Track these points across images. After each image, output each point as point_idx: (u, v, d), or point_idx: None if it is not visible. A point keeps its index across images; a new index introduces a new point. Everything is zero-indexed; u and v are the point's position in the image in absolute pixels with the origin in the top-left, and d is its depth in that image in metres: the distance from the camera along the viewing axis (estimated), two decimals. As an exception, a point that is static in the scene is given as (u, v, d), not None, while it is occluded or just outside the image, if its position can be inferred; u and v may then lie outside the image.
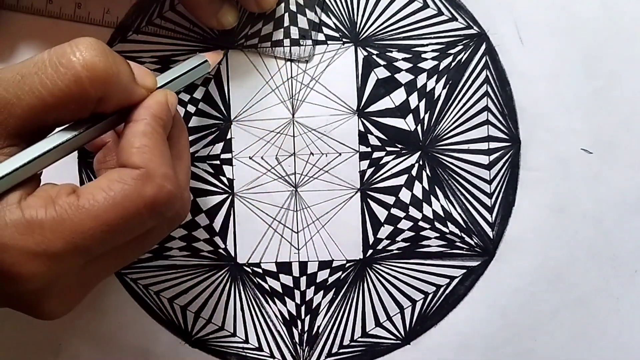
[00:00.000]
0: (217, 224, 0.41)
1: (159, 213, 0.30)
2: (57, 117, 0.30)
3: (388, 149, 0.41)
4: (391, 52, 0.40)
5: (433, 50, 0.40)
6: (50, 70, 0.29)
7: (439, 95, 0.41)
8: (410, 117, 0.41)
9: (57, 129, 0.31)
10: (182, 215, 0.33)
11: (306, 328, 0.41)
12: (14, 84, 0.29)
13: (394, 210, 0.41)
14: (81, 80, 0.29)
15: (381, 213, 0.41)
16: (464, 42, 0.40)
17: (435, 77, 0.40)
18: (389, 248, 0.41)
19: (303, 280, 0.41)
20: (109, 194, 0.29)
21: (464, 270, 0.41)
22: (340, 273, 0.41)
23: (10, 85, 0.29)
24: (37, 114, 0.29)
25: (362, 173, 0.41)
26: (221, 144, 0.41)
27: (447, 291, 0.41)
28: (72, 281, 0.30)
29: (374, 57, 0.40)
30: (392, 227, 0.41)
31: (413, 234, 0.41)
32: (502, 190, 0.41)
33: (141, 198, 0.29)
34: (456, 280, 0.41)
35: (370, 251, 0.41)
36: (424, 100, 0.41)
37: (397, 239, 0.41)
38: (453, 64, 0.40)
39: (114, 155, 0.36)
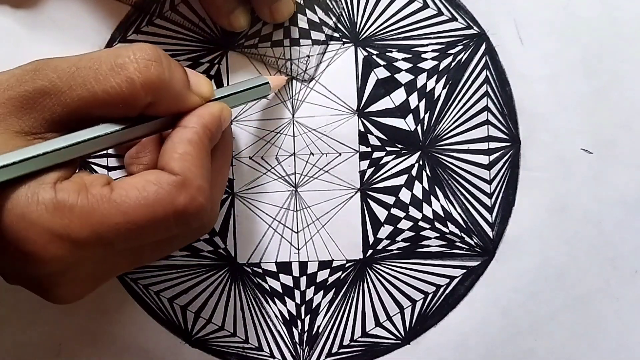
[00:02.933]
0: (217, 224, 0.41)
1: (186, 223, 0.30)
2: (104, 113, 0.30)
3: (388, 149, 0.41)
4: (391, 52, 0.40)
5: (433, 50, 0.40)
6: (105, 67, 0.29)
7: (439, 95, 0.41)
8: (410, 117, 0.41)
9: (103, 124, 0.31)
10: (207, 228, 0.33)
11: (306, 328, 0.41)
12: (68, 74, 0.29)
13: (394, 210, 0.41)
14: (133, 82, 0.29)
15: (381, 213, 0.41)
16: (464, 42, 0.40)
17: (435, 77, 0.41)
18: (389, 248, 0.41)
19: (303, 280, 0.41)
20: (142, 194, 0.29)
21: (464, 270, 0.41)
22: (340, 273, 0.41)
23: (64, 74, 0.29)
24: (85, 106, 0.29)
25: (362, 173, 0.41)
26: (221, 144, 0.41)
27: (447, 291, 0.41)
28: (89, 271, 0.30)
29: (374, 57, 0.40)
30: (392, 227, 0.41)
31: (413, 234, 0.41)
32: (502, 190, 0.41)
33: (172, 205, 0.29)
34: (456, 280, 0.41)
35: (370, 251, 0.41)
36: (424, 100, 0.41)
37: (397, 239, 0.41)
38: (453, 64, 0.41)
39: (147, 152, 0.36)
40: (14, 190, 0.28)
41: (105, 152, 0.40)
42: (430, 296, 0.41)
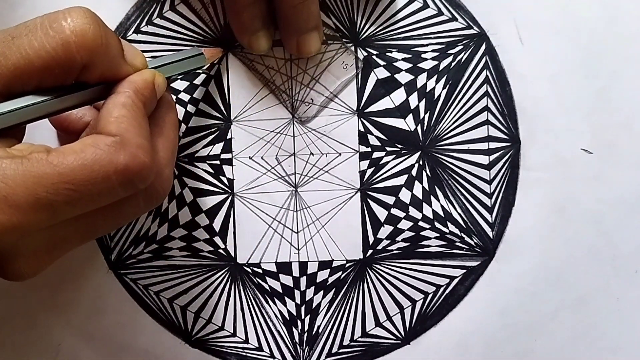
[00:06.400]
0: (217, 224, 0.41)
1: (130, 182, 0.30)
2: (41, 80, 0.30)
3: (388, 149, 0.41)
4: (391, 52, 0.40)
5: (433, 51, 0.40)
6: (40, 32, 0.29)
7: (439, 95, 0.41)
8: (410, 117, 0.41)
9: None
10: (159, 191, 0.33)
11: (306, 328, 0.41)
12: (3, 44, 0.29)
13: (394, 210, 0.41)
14: (69, 45, 0.29)
15: (381, 213, 0.41)
16: (464, 42, 0.40)
17: (435, 77, 0.41)
18: (389, 248, 0.41)
19: (303, 280, 0.41)
20: (80, 155, 0.29)
21: (464, 270, 0.41)
22: (340, 273, 0.41)
23: (0, 44, 0.29)
24: (21, 75, 0.29)
25: (362, 173, 0.41)
26: (221, 144, 0.41)
27: (447, 291, 0.41)
28: (39, 242, 0.30)
29: (374, 57, 0.40)
30: (392, 227, 0.41)
31: (413, 234, 0.41)
32: (502, 190, 0.41)
33: (112, 164, 0.29)
34: (456, 280, 0.41)
35: (370, 251, 0.41)
36: (424, 100, 0.41)
37: (397, 239, 0.41)
38: (453, 64, 0.40)
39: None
40: None
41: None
42: (430, 296, 0.41)
